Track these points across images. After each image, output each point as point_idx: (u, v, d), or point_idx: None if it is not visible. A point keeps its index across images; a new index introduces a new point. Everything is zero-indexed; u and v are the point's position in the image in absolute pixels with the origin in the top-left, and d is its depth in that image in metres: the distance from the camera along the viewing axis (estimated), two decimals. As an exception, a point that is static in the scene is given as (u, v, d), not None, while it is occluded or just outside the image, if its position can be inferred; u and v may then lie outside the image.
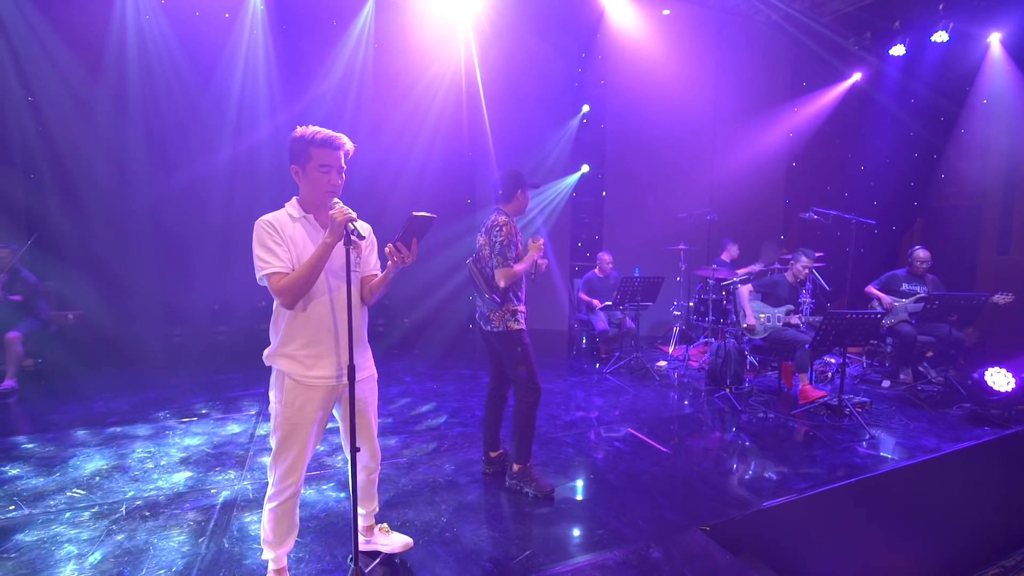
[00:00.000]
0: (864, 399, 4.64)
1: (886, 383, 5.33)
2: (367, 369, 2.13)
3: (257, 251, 1.84)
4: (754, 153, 7.68)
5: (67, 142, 6.32)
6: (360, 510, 2.35)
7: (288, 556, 2.31)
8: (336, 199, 1.91)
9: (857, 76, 7.34)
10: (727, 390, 4.87)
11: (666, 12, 7.35)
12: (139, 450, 3.56)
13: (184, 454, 3.50)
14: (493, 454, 3.23)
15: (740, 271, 6.22)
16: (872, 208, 7.08)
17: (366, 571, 2.14)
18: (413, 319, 9.07)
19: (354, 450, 1.96)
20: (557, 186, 8.29)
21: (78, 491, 2.97)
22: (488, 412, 3.23)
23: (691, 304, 6.73)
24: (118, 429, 3.94)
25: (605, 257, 6.55)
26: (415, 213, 1.79)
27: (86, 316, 6.11)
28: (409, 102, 7.76)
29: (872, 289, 5.45)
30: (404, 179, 7.95)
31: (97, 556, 2.36)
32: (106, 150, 6.42)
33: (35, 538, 2.51)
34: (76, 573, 2.24)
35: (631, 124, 7.70)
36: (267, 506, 1.99)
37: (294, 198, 2.00)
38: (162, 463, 3.38)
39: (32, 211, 6.40)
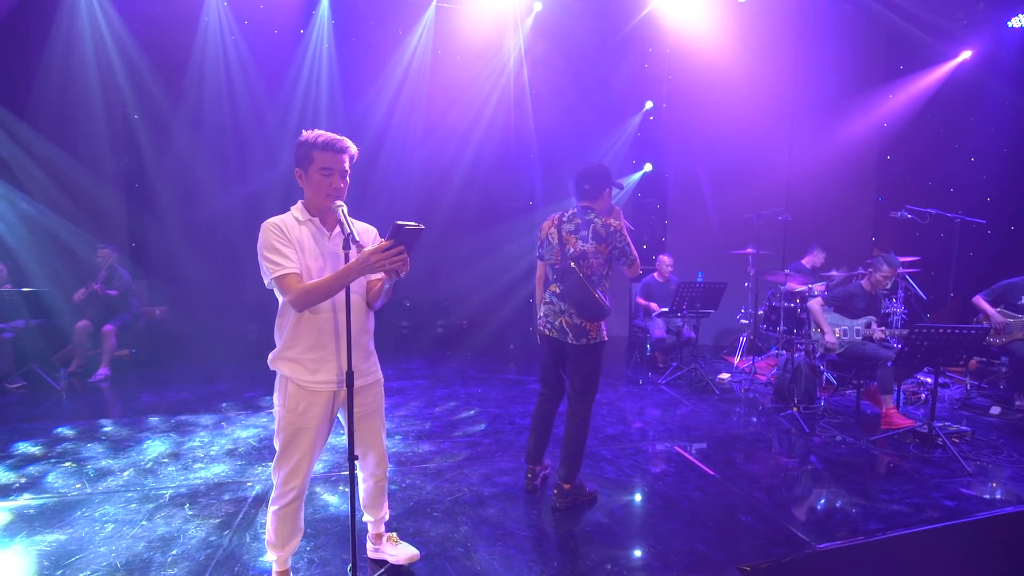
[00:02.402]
0: (964, 428, 4.00)
1: (996, 410, 4.57)
2: (372, 375, 2.09)
3: (266, 253, 1.84)
4: (839, 147, 6.94)
5: (157, 155, 6.99)
6: (368, 517, 2.32)
7: (300, 557, 2.33)
8: (339, 202, 1.88)
9: (966, 55, 6.39)
10: (795, 409, 4.39)
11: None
12: (195, 439, 3.80)
13: (232, 446, 3.68)
14: (538, 468, 3.08)
15: (816, 286, 5.60)
16: (984, 205, 6.14)
17: (365, 582, 2.09)
18: (472, 320, 9.15)
19: (352, 457, 1.91)
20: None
21: (134, 475, 3.20)
22: (543, 426, 3.03)
23: (760, 312, 6.19)
24: (182, 418, 4.24)
25: (665, 260, 6.19)
26: (400, 223, 1.71)
27: (172, 312, 6.72)
28: (465, 103, 7.84)
29: (980, 301, 4.70)
30: (460, 179, 8.05)
31: (133, 539, 2.51)
32: (186, 161, 7.03)
33: (88, 516, 2.71)
34: (112, 554, 2.39)
35: (699, 119, 7.23)
36: (270, 508, 1.99)
37: (300, 202, 1.99)
38: (211, 452, 3.57)
39: (132, 216, 7.15)
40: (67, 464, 3.35)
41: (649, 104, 7.59)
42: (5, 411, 4.43)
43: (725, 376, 5.62)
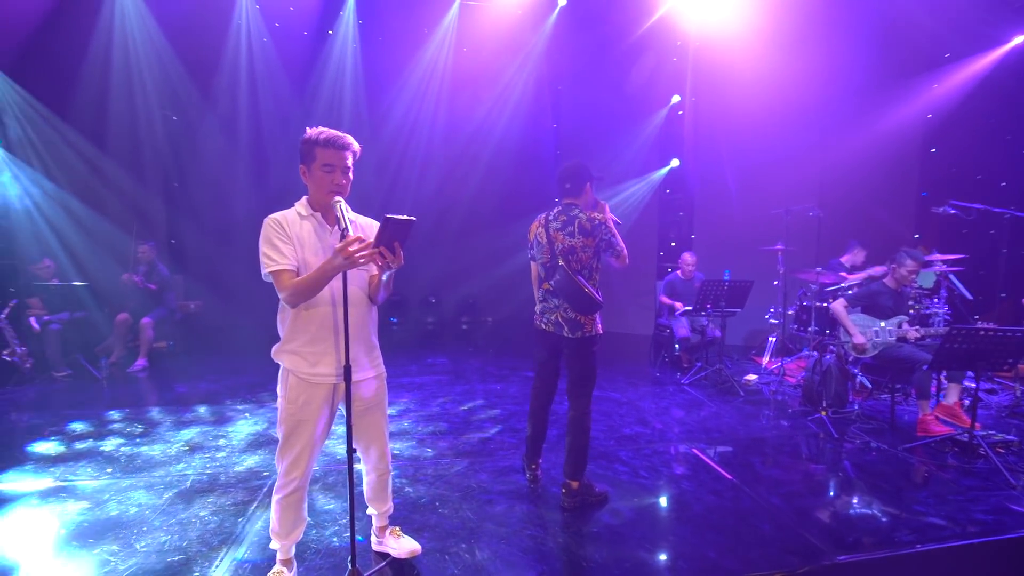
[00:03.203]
0: (1011, 438, 3.75)
1: (1048, 419, 4.27)
2: (373, 369, 2.10)
3: (263, 248, 1.88)
4: (877, 139, 6.59)
5: (193, 155, 7.27)
6: (372, 510, 2.34)
7: (305, 547, 2.37)
8: (338, 198, 1.90)
9: (1019, 39, 5.96)
10: (823, 413, 4.21)
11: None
12: (221, 429, 3.93)
13: (255, 436, 3.79)
14: (535, 465, 3.09)
15: (851, 276, 5.36)
16: (1040, 200, 5.72)
17: (365, 574, 2.11)
18: (497, 317, 9.17)
19: (350, 451, 1.93)
20: (643, 181, 7.84)
21: (161, 461, 3.34)
22: (540, 424, 3.05)
23: (791, 312, 5.96)
24: (211, 408, 4.40)
25: (687, 258, 6.03)
26: (390, 216, 1.71)
27: (207, 306, 6.98)
28: (488, 99, 7.87)
29: (1030, 301, 4.39)
30: (484, 175, 8.08)
31: (155, 523, 2.61)
32: (218, 160, 7.29)
33: (116, 500, 2.84)
34: (134, 536, 2.49)
35: (727, 112, 7.01)
36: (274, 497, 2.03)
37: (304, 197, 2.02)
38: (234, 442, 3.69)
39: (171, 214, 7.47)
40: (102, 449, 3.52)
41: (676, 98, 7.41)
42: (52, 398, 4.70)
43: (752, 377, 5.44)
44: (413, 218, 1.75)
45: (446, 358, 6.47)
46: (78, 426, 3.94)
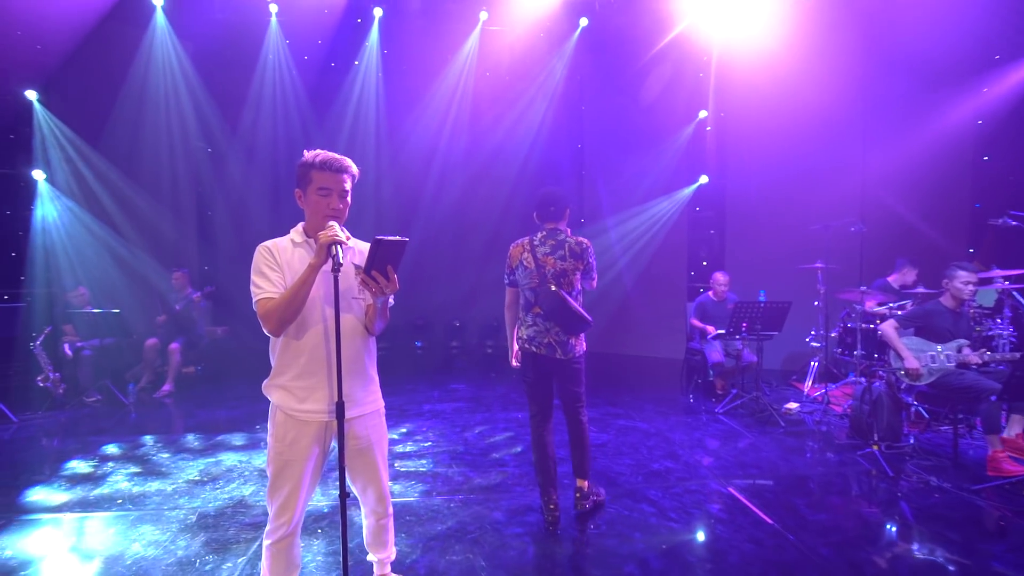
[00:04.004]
0: (1099, 478, 3.30)
1: None
2: (370, 404, 1.95)
3: (252, 276, 1.79)
4: (923, 148, 6.19)
5: (223, 183, 7.48)
6: (372, 556, 2.16)
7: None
8: (332, 223, 1.79)
9: (1081, 37, 5.55)
10: (874, 447, 3.82)
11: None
12: (235, 458, 3.85)
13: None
14: (553, 505, 2.86)
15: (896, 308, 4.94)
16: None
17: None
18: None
19: (343, 494, 1.77)
20: (670, 199, 7.61)
21: (171, 493, 3.26)
22: (549, 448, 2.92)
23: (833, 334, 5.56)
24: (228, 436, 4.34)
25: (720, 278, 5.73)
26: (380, 237, 1.58)
27: (233, 331, 7.06)
28: (511, 120, 7.87)
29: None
30: (506, 196, 8.03)
31: (154, 561, 2.50)
32: (244, 188, 7.48)
33: (120, 536, 2.76)
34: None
35: (759, 125, 6.76)
36: (264, 543, 1.89)
37: (300, 223, 1.92)
38: (246, 473, 3.59)
39: (203, 241, 7.67)
40: (116, 478, 3.48)
41: (703, 113, 7.19)
42: (80, 423, 4.75)
43: (793, 406, 5.06)
44: (406, 239, 1.62)
45: (468, 384, 6.31)
46: (98, 455, 3.93)
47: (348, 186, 1.86)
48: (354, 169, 1.89)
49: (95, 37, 6.23)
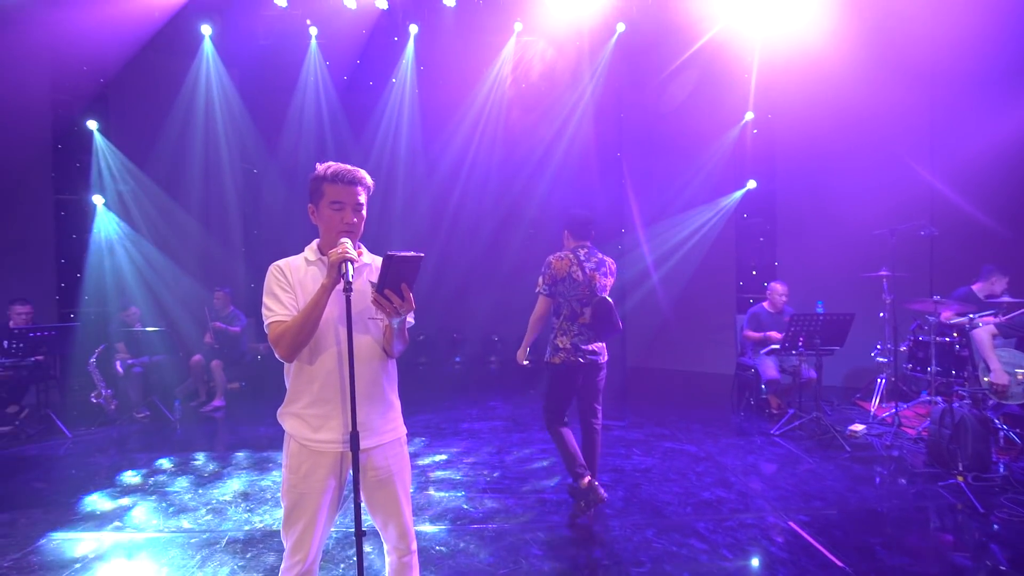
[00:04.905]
0: None
1: None
2: (389, 432, 1.81)
3: (264, 298, 1.70)
4: (1005, 140, 5.54)
5: (265, 205, 7.70)
6: (394, 599, 2.01)
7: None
8: (345, 239, 1.67)
9: None
10: (959, 478, 3.39)
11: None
12: (269, 478, 3.81)
13: (299, 488, 3.63)
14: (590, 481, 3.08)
15: (983, 317, 4.41)
16: None
17: None
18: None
19: (359, 532, 1.63)
20: (715, 206, 7.26)
21: (204, 514, 3.24)
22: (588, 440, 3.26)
23: (903, 348, 5.07)
24: (266, 454, 4.33)
25: (778, 288, 5.34)
26: (392, 253, 1.45)
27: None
28: (547, 128, 7.80)
29: None
30: (540, 205, 7.92)
31: (180, 592, 2.45)
32: (282, 207, 7.67)
33: (153, 556, 2.73)
34: (155, 608, 2.33)
35: (811, 124, 6.35)
36: (281, 582, 1.77)
37: (315, 241, 1.83)
38: (278, 495, 3.53)
39: (249, 259, 7.91)
40: (152, 498, 3.50)
41: (749, 115, 6.84)
42: (127, 440, 4.88)
43: (859, 428, 4.62)
44: (420, 255, 1.49)
45: (506, 402, 6.13)
46: (140, 471, 3.99)
47: (363, 199, 1.75)
48: (368, 181, 1.78)
49: (148, 67, 6.56)
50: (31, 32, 5.72)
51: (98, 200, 6.40)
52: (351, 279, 1.54)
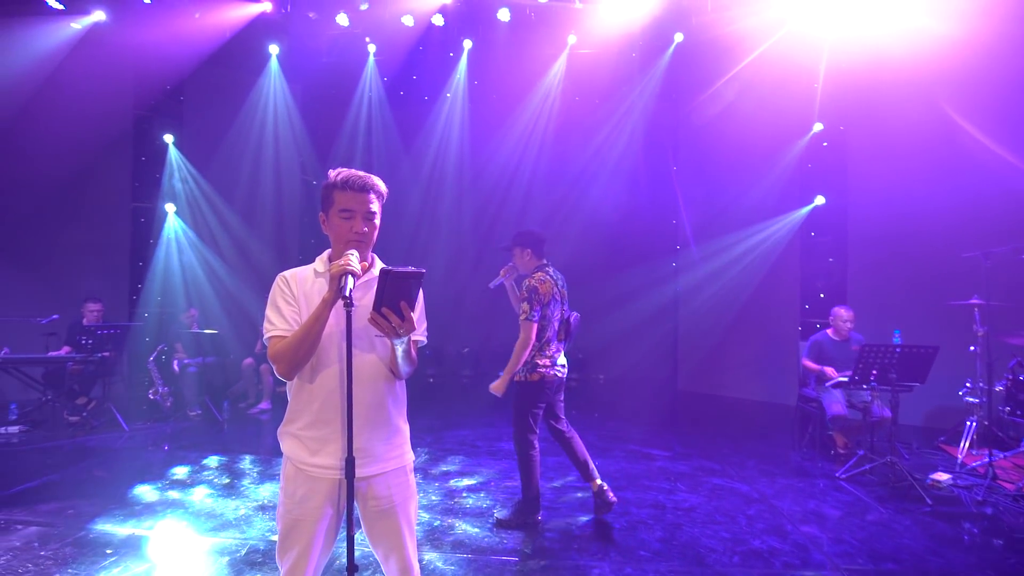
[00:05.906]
0: None
1: None
2: (393, 460, 1.68)
3: (266, 311, 1.63)
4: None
5: (315, 215, 8.00)
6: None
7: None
8: (351, 251, 1.58)
9: None
10: (1072, 549, 2.86)
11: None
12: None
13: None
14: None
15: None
16: None
17: None
18: (609, 376, 8.44)
19: (351, 568, 1.51)
20: (779, 223, 6.78)
21: (232, 520, 3.25)
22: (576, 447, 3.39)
23: (999, 388, 4.44)
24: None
25: (843, 313, 4.84)
26: (389, 269, 1.33)
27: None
28: (600, 143, 7.64)
29: None
30: (585, 219, 7.75)
31: (194, 602, 2.43)
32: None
33: (182, 558, 2.75)
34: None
35: (887, 134, 5.83)
36: (276, 611, 1.68)
37: (326, 251, 1.75)
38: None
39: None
40: (190, 499, 3.56)
41: (818, 126, 6.34)
42: (179, 436, 5.10)
43: (943, 477, 4.05)
44: (421, 270, 1.37)
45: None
46: (182, 470, 4.11)
47: (375, 207, 1.65)
48: (382, 188, 1.67)
49: (217, 81, 6.97)
50: (115, 50, 6.21)
51: (170, 208, 6.82)
52: (348, 293, 1.44)
